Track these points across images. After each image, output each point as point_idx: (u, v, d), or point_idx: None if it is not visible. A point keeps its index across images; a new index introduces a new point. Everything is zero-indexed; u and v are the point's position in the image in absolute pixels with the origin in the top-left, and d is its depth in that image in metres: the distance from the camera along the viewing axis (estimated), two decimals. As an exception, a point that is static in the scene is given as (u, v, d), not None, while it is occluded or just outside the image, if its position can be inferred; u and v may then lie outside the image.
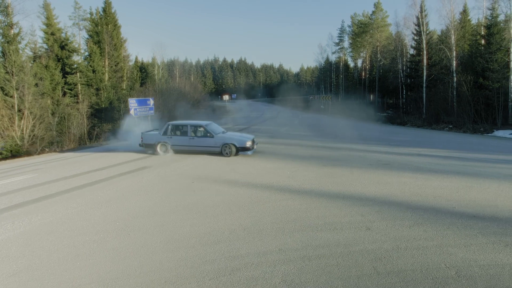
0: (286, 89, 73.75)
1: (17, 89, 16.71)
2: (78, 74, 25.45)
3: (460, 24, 28.08)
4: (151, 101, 17.23)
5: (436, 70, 27.41)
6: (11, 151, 14.96)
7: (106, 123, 23.92)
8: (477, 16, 45.69)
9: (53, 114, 20.20)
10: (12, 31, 18.37)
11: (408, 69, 32.83)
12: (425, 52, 27.73)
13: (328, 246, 3.98)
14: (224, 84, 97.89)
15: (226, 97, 55.19)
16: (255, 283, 3.23)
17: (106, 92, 25.77)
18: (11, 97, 16.72)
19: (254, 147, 10.90)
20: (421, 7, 28.55)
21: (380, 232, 4.35)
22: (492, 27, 22.28)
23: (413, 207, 5.33)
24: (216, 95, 77.06)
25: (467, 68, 23.94)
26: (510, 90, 21.23)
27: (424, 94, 27.50)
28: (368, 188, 6.54)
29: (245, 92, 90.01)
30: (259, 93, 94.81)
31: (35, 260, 3.87)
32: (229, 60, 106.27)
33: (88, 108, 23.10)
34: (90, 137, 21.03)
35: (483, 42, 23.71)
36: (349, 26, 49.96)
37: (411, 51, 33.05)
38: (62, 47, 25.05)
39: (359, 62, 51.02)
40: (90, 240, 4.37)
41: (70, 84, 24.97)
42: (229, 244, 4.11)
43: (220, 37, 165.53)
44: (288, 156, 10.71)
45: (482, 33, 24.19)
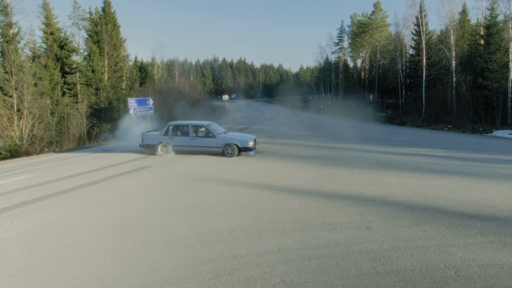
0: (286, 89, 73.78)
1: (16, 89, 16.69)
2: (78, 74, 25.42)
3: (460, 24, 28.12)
4: (151, 101, 17.22)
5: (436, 70, 27.45)
6: (10, 151, 14.94)
7: (106, 123, 23.90)
8: (476, 16, 45.71)
9: (52, 114, 20.17)
10: (11, 31, 18.35)
11: (408, 69, 32.87)
12: (425, 52, 27.77)
13: (328, 246, 3.98)
14: (224, 84, 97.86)
15: (226, 97, 55.16)
16: (255, 283, 3.23)
17: (106, 92, 25.75)
18: (10, 97, 16.70)
19: (256, 147, 10.84)
20: (421, 7, 28.60)
21: (380, 232, 4.36)
22: (491, 27, 22.32)
23: (413, 207, 5.33)
24: (216, 95, 77.06)
25: (467, 68, 23.98)
26: (509, 90, 21.27)
27: (424, 94, 27.54)
28: (368, 188, 6.55)
29: (245, 92, 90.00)
30: (259, 93, 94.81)
31: (34, 260, 3.86)
32: (229, 60, 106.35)
33: (88, 108, 23.07)
34: (90, 137, 21.02)
35: (482, 42, 23.75)
36: (349, 26, 50.08)
37: (411, 51, 33.10)
38: (61, 47, 25.02)
39: (359, 62, 51.11)
40: (89, 240, 4.37)
41: (69, 84, 24.94)
42: (229, 244, 4.11)
43: (220, 37, 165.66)
44: (288, 156, 10.71)
45: (481, 33, 24.23)
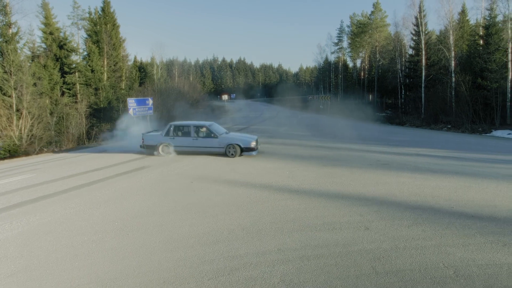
0: (285, 89, 73.77)
1: (15, 89, 16.65)
2: (77, 74, 25.37)
3: (459, 25, 28.16)
4: (150, 101, 17.21)
5: (435, 70, 27.48)
6: (9, 151, 14.91)
7: (105, 123, 23.87)
8: (476, 17, 45.71)
9: (52, 114, 20.13)
10: (11, 31, 18.31)
11: (407, 69, 32.90)
12: (424, 52, 27.80)
13: (327, 246, 3.99)
14: (223, 84, 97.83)
15: (225, 97, 55.16)
16: (254, 283, 3.23)
17: (105, 92, 25.72)
18: (9, 97, 16.66)
19: (258, 148, 10.80)
20: (420, 8, 28.62)
21: (379, 232, 4.36)
22: (491, 28, 22.35)
23: (412, 207, 5.34)
24: (215, 95, 77.04)
25: (466, 68, 24.02)
26: (508, 90, 21.31)
27: (423, 94, 27.57)
28: (367, 188, 6.55)
29: (244, 92, 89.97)
30: (258, 93, 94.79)
31: (33, 260, 3.86)
32: (228, 60, 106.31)
33: (87, 108, 23.03)
34: (89, 137, 20.98)
35: (482, 43, 23.78)
36: (348, 26, 50.08)
37: (410, 51, 33.13)
38: (61, 47, 24.97)
39: (358, 62, 51.11)
40: (89, 240, 4.36)
41: (69, 84, 24.89)
42: (228, 244, 4.11)
43: (219, 37, 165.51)
44: (287, 156, 10.71)
45: (481, 34, 24.26)
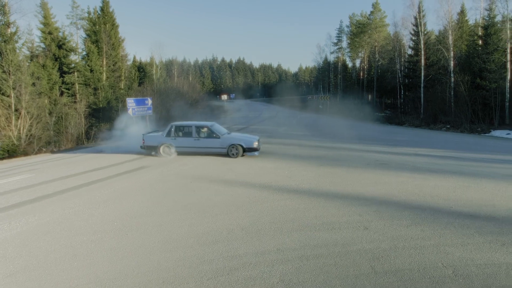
0: (285, 89, 73.86)
1: (14, 89, 16.62)
2: (76, 74, 25.33)
3: (458, 25, 28.21)
4: (149, 101, 17.19)
5: (434, 70, 27.52)
6: (8, 151, 14.88)
7: (104, 123, 23.84)
8: (475, 17, 45.88)
9: (51, 114, 20.10)
10: (9, 30, 18.27)
11: (406, 69, 32.95)
12: (423, 53, 27.84)
13: (326, 246, 3.99)
14: (223, 84, 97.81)
15: (225, 97, 55.21)
16: (253, 283, 3.23)
17: (104, 92, 25.68)
18: (8, 97, 16.62)
19: (260, 148, 10.76)
20: (419, 8, 28.67)
21: (378, 232, 4.37)
22: (490, 28, 22.39)
23: (411, 207, 5.34)
24: (215, 95, 77.02)
25: (465, 69, 24.06)
26: (507, 90, 21.35)
27: (422, 94, 27.61)
28: (366, 188, 6.56)
29: (244, 92, 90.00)
30: (258, 93, 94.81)
31: (32, 261, 3.85)
32: (228, 60, 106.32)
33: (86, 108, 23.01)
34: (88, 137, 20.95)
35: (481, 43, 23.82)
36: (348, 26, 50.12)
37: (409, 51, 33.18)
38: (60, 47, 24.93)
39: (357, 62, 51.13)
40: (88, 240, 4.35)
41: (68, 84, 24.85)
42: (227, 244, 4.11)
43: (219, 37, 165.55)
44: (287, 156, 10.71)
45: (480, 34, 24.30)
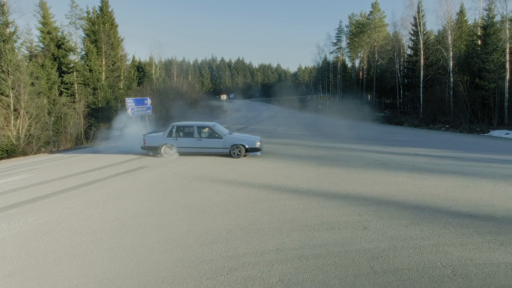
0: (284, 89, 73.89)
1: (13, 88, 16.58)
2: (75, 74, 25.28)
3: (457, 25, 28.25)
4: (149, 101, 17.18)
5: (433, 70, 27.55)
6: (7, 151, 14.85)
7: (103, 123, 23.81)
8: (474, 17, 45.98)
9: (50, 114, 20.05)
10: (8, 30, 18.22)
11: (405, 69, 32.97)
12: (422, 52, 27.87)
13: (325, 246, 3.99)
14: (222, 84, 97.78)
15: (224, 97, 55.25)
16: (253, 283, 3.23)
17: (103, 92, 25.64)
18: (7, 97, 16.59)
19: (262, 148, 10.70)
20: (418, 8, 28.69)
21: (377, 232, 4.37)
22: (489, 28, 22.42)
23: (410, 207, 5.35)
24: (214, 95, 76.96)
25: (464, 69, 24.09)
26: (506, 91, 21.37)
27: (421, 94, 27.63)
28: (366, 188, 6.56)
29: (243, 92, 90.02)
30: (257, 93, 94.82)
31: (31, 261, 3.84)
32: (227, 60, 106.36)
33: (85, 108, 22.96)
34: (87, 137, 20.92)
35: (480, 43, 23.86)
36: (347, 26, 50.14)
37: (408, 51, 33.19)
38: (59, 46, 24.88)
39: (357, 62, 51.15)
40: (87, 240, 4.35)
41: (67, 84, 24.80)
42: (227, 244, 4.11)
43: (218, 37, 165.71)
44: (286, 156, 10.71)
45: (479, 34, 24.33)
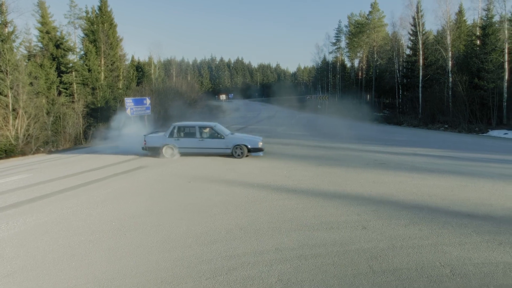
0: (283, 89, 73.93)
1: (12, 88, 16.53)
2: (74, 73, 25.22)
3: (456, 25, 28.30)
4: (148, 101, 17.16)
5: (432, 70, 27.60)
6: (5, 151, 14.81)
7: (102, 123, 23.76)
8: (473, 17, 46.05)
9: (48, 114, 20.01)
10: (6, 30, 18.17)
11: (405, 69, 33.01)
12: (421, 52, 27.90)
13: (324, 245, 4.00)
14: (221, 84, 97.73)
15: (223, 97, 55.24)
16: (252, 283, 3.23)
17: (102, 91, 25.58)
18: (6, 96, 16.54)
19: (264, 148, 10.69)
20: (417, 8, 28.73)
21: (376, 231, 4.38)
22: (487, 28, 22.47)
23: (409, 206, 5.36)
24: (213, 95, 76.93)
25: (463, 69, 24.14)
26: (505, 91, 21.42)
27: (420, 94, 27.68)
28: (365, 188, 6.57)
29: (242, 92, 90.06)
30: (256, 93, 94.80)
31: (30, 261, 3.83)
32: (226, 60, 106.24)
33: (84, 108, 22.92)
34: (86, 137, 20.89)
35: (478, 43, 23.91)
36: (346, 26, 50.19)
37: (407, 51, 33.22)
38: (57, 46, 24.81)
39: (356, 62, 51.18)
40: (86, 240, 4.34)
41: (66, 83, 24.73)
42: (226, 244, 4.11)
43: (218, 37, 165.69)
44: (285, 156, 10.72)
45: (478, 34, 24.39)
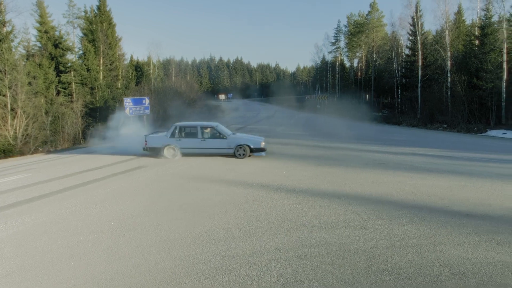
0: (282, 89, 73.98)
1: (10, 88, 16.49)
2: (72, 73, 25.17)
3: (455, 25, 28.34)
4: (147, 101, 17.15)
5: (431, 70, 27.65)
6: (4, 151, 14.77)
7: (101, 123, 23.72)
8: (471, 17, 46.23)
9: (47, 113, 19.97)
10: (5, 29, 18.13)
11: (403, 69, 33.05)
12: (420, 52, 27.94)
13: (323, 245, 4.00)
14: (220, 84, 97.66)
15: (222, 97, 55.19)
16: (251, 282, 3.23)
17: (101, 91, 25.54)
18: (4, 96, 16.50)
19: (266, 148, 10.65)
20: (416, 8, 28.77)
21: (375, 231, 4.38)
22: (486, 28, 22.51)
23: (408, 206, 5.37)
24: (212, 95, 76.88)
25: (461, 68, 24.18)
26: (503, 90, 21.48)
27: (419, 94, 27.73)
28: (364, 187, 6.58)
29: (241, 92, 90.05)
30: (255, 93, 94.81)
31: (29, 261, 3.82)
32: (225, 60, 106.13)
33: (83, 107, 22.89)
34: (85, 137, 20.85)
35: (477, 43, 23.96)
36: (345, 26, 50.22)
37: (406, 51, 33.27)
38: (56, 46, 24.75)
39: (355, 62, 51.24)
40: (85, 240, 4.33)
41: (64, 83, 24.68)
42: (225, 244, 4.11)
43: (217, 37, 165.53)
44: (284, 156, 10.72)
45: (476, 34, 24.45)
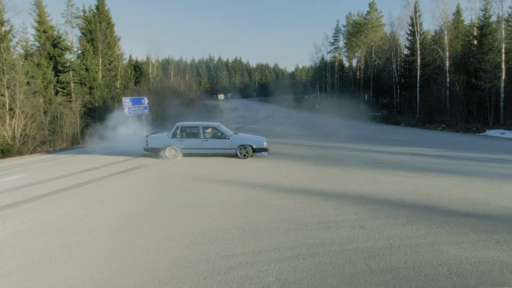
0: (281, 89, 73.94)
1: (8, 88, 16.43)
2: (71, 73, 25.09)
3: (453, 25, 28.41)
4: (146, 100, 17.14)
5: (430, 70, 27.70)
6: (2, 151, 14.72)
7: (100, 122, 23.66)
8: (470, 17, 46.35)
9: (45, 113, 19.90)
10: (3, 29, 18.06)
11: (402, 69, 33.11)
12: (419, 52, 27.99)
13: (322, 245, 4.00)
14: (219, 83, 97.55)
15: (221, 96, 55.15)
16: (250, 282, 3.23)
17: (100, 91, 25.48)
18: (2, 96, 16.43)
19: (268, 148, 10.59)
20: (415, 8, 28.82)
21: (374, 231, 4.39)
22: (485, 28, 22.56)
23: (406, 206, 5.38)
24: (211, 94, 76.83)
25: (460, 68, 24.23)
26: (502, 90, 21.53)
27: (418, 94, 27.78)
28: (362, 187, 6.59)
29: (240, 91, 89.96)
30: (254, 92, 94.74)
31: (27, 261, 3.81)
32: (224, 59, 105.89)
33: (81, 107, 22.82)
34: (83, 137, 20.80)
35: (476, 43, 24.00)
36: (344, 26, 50.14)
37: (405, 51, 33.33)
38: (55, 45, 24.67)
39: (354, 62, 51.19)
40: (83, 240, 4.33)
41: (63, 83, 24.61)
42: (224, 243, 4.11)
43: (216, 36, 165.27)
44: (283, 155, 10.72)
45: (475, 34, 24.48)
